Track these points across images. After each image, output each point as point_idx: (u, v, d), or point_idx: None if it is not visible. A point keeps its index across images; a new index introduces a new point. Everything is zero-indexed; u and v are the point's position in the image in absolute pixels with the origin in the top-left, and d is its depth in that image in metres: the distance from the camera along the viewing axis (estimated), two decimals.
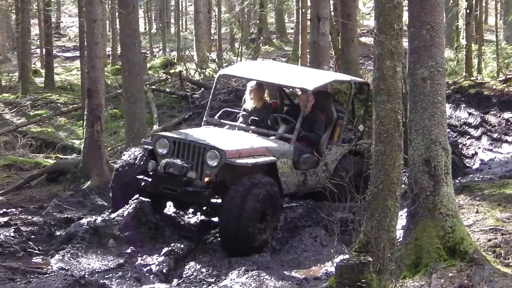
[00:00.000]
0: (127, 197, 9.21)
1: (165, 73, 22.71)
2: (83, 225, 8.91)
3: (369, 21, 33.74)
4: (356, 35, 17.52)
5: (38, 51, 29.12)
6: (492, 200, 9.09)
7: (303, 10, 18.21)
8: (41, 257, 8.50)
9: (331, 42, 17.00)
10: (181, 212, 10.00)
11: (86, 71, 12.89)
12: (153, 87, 19.93)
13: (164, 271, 8.06)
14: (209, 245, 9.11)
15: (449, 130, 14.33)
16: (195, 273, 8.14)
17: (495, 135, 15.22)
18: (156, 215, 9.05)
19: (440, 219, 6.87)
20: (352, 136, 10.85)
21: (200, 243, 9.08)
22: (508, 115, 15.53)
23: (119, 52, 21.25)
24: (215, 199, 9.11)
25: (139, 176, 9.27)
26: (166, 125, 16.56)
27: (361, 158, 10.10)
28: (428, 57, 7.01)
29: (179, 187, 8.93)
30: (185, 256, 8.52)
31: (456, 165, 12.04)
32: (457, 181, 10.95)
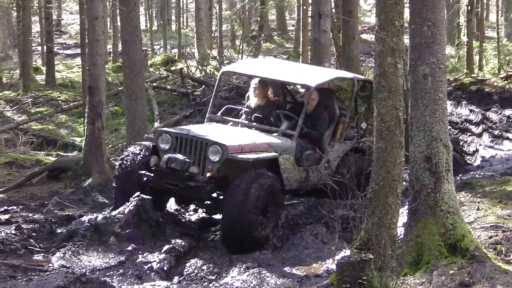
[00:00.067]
0: (130, 192, 9.21)
1: (166, 70, 22.69)
2: (84, 223, 8.90)
3: (370, 18, 33.71)
4: (357, 32, 17.48)
5: (39, 48, 29.09)
6: (493, 197, 9.08)
7: (304, 7, 18.20)
8: (42, 254, 8.51)
9: (332, 39, 16.98)
10: (182, 209, 10.01)
11: (87, 68, 12.88)
12: (154, 85, 19.92)
13: (165, 268, 8.06)
14: (210, 242, 9.11)
15: (450, 127, 14.34)
16: (196, 271, 8.14)
17: (496, 132, 15.22)
18: (157, 212, 9.05)
19: (441, 216, 6.87)
20: (355, 133, 10.84)
21: (201, 241, 9.08)
22: (509, 112, 15.52)
23: (120, 49, 21.22)
24: (217, 195, 9.12)
25: (141, 171, 9.28)
26: (167, 122, 16.55)
27: (364, 155, 10.09)
28: (429, 54, 6.99)
29: (181, 182, 8.93)
30: (186, 253, 8.52)
31: (457, 162, 12.03)
32: (458, 178, 10.94)
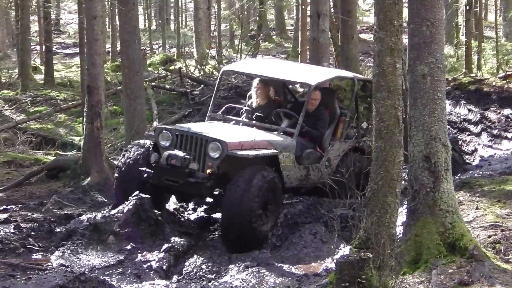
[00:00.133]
0: (130, 189, 9.25)
1: (164, 69, 22.70)
2: (83, 222, 8.91)
3: (369, 18, 33.72)
4: (356, 31, 17.48)
5: (37, 47, 29.07)
6: (492, 196, 9.09)
7: (303, 6, 18.20)
8: (41, 253, 8.50)
9: (331, 38, 16.96)
10: (182, 208, 10.02)
11: (86, 67, 12.87)
12: (153, 84, 19.92)
13: (164, 267, 8.06)
14: (209, 241, 9.11)
15: (449, 126, 14.33)
16: (195, 270, 8.14)
17: (495, 132, 15.24)
18: (156, 211, 9.06)
19: (440, 215, 6.88)
20: (355, 133, 10.87)
21: (200, 240, 9.08)
22: (507, 111, 15.54)
23: (119, 48, 21.20)
24: (217, 192, 9.14)
25: (142, 168, 9.30)
26: (166, 121, 16.56)
27: (363, 155, 10.10)
28: (428, 53, 7.00)
29: (181, 178, 8.96)
30: (185, 252, 8.52)
31: (456, 161, 12.04)
32: (457, 177, 10.95)
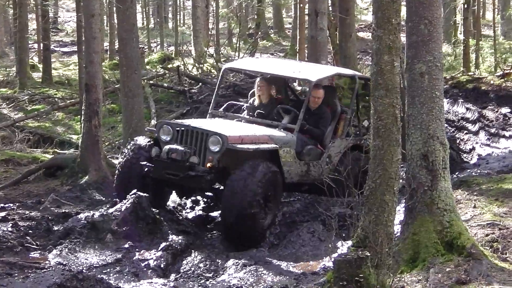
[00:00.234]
0: (131, 184, 9.30)
1: (163, 68, 22.68)
2: (80, 220, 8.90)
3: (367, 16, 33.73)
4: (354, 30, 17.49)
5: (35, 46, 29.01)
6: (489, 195, 9.09)
7: (301, 5, 18.19)
8: (39, 252, 8.49)
9: (329, 37, 16.96)
10: (180, 207, 10.03)
11: (84, 66, 12.86)
12: (151, 82, 19.90)
13: (162, 266, 8.06)
14: (207, 240, 9.11)
15: (447, 125, 14.36)
16: (193, 268, 8.14)
17: (493, 130, 15.25)
18: (154, 209, 9.05)
19: (437, 214, 6.88)
20: (357, 132, 10.90)
21: (198, 238, 9.08)
22: (505, 110, 15.56)
23: (117, 47, 21.21)
24: (217, 186, 9.17)
25: (142, 162, 9.33)
26: (164, 120, 16.54)
27: (364, 153, 10.13)
28: (426, 52, 7.00)
29: (182, 172, 9.01)
30: (183, 251, 8.52)
31: (453, 160, 12.05)
32: (455, 176, 10.95)
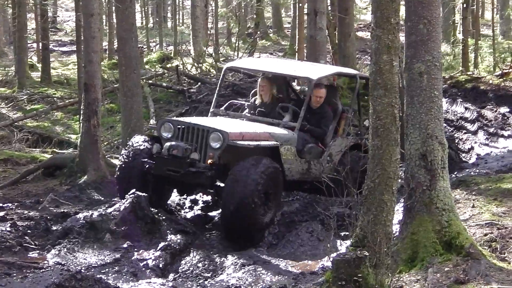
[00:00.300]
0: (133, 181, 9.32)
1: (162, 67, 22.69)
2: (79, 220, 8.89)
3: (366, 16, 33.73)
4: (353, 29, 17.50)
5: (34, 45, 29.00)
6: (488, 194, 9.09)
7: (300, 4, 18.17)
8: (38, 251, 8.48)
9: (328, 36, 16.98)
10: (178, 206, 10.03)
11: (82, 65, 12.85)
12: (150, 82, 19.91)
13: (160, 266, 8.05)
14: (206, 240, 9.10)
15: (446, 124, 14.33)
16: (192, 268, 8.14)
17: (492, 130, 15.24)
18: (152, 209, 9.05)
19: (436, 213, 6.88)
20: (358, 131, 10.92)
21: (196, 238, 9.07)
22: (504, 109, 15.55)
23: (116, 46, 21.20)
24: (218, 184, 9.20)
25: (144, 159, 9.36)
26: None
27: (364, 152, 10.16)
28: (425, 51, 7.00)
29: (182, 168, 9.03)
30: (181, 251, 8.52)
31: (452, 159, 12.04)
32: (454, 175, 10.95)
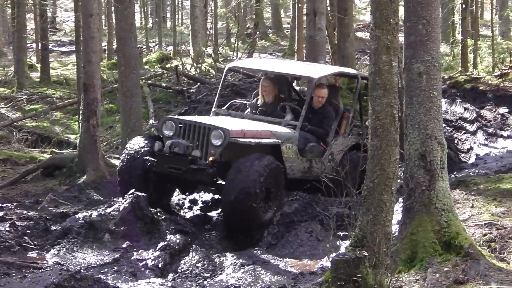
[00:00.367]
0: (134, 179, 9.34)
1: (161, 67, 22.68)
2: (78, 220, 8.89)
3: (365, 16, 33.73)
4: (352, 30, 17.48)
5: (33, 45, 29.01)
6: (487, 195, 9.09)
7: (300, 5, 18.17)
8: (37, 251, 8.48)
9: (327, 37, 16.98)
10: (178, 206, 10.04)
11: (82, 65, 12.85)
12: (149, 82, 19.90)
13: (159, 266, 8.05)
14: (205, 240, 9.11)
15: (445, 125, 14.34)
16: (191, 268, 8.13)
17: (491, 130, 15.24)
18: (151, 209, 9.05)
19: (435, 213, 6.88)
20: (360, 132, 10.95)
21: (196, 238, 9.07)
22: (503, 110, 15.55)
23: (115, 46, 21.18)
24: (219, 182, 9.23)
25: (145, 157, 9.38)
26: None
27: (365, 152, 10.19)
28: (424, 52, 7.00)
29: (184, 165, 9.05)
30: (181, 251, 8.51)
31: (451, 160, 12.04)
32: (453, 176, 10.95)
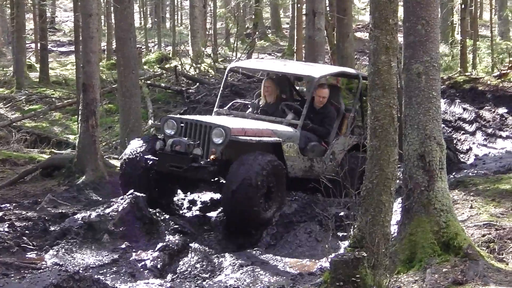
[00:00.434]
0: (136, 179, 9.37)
1: (160, 68, 22.68)
2: (77, 220, 8.88)
3: (364, 16, 33.71)
4: (351, 30, 17.48)
5: (33, 45, 29.00)
6: (486, 195, 9.09)
7: (299, 5, 18.18)
8: (36, 252, 8.48)
9: (326, 37, 16.98)
10: (177, 207, 10.04)
11: (81, 65, 12.84)
12: (148, 82, 19.89)
13: (158, 266, 8.05)
14: (204, 240, 9.11)
15: (444, 125, 14.34)
16: (190, 269, 8.13)
17: (490, 131, 15.22)
18: (150, 210, 9.05)
19: (434, 214, 6.88)
20: (362, 132, 10.95)
21: (195, 239, 9.07)
22: (502, 110, 15.53)
23: (114, 46, 21.19)
24: (220, 180, 9.28)
25: (147, 156, 9.40)
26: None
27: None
28: (423, 52, 7.00)
29: (185, 163, 9.08)
30: (179, 251, 8.51)
31: (450, 160, 12.04)
32: (452, 176, 10.95)
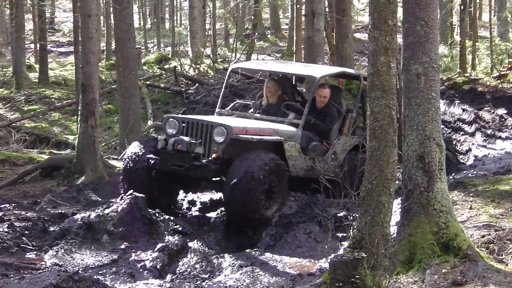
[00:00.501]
0: (138, 178, 9.40)
1: (159, 68, 22.69)
2: (77, 221, 8.89)
3: (363, 17, 33.73)
4: (350, 31, 17.49)
5: (32, 46, 29.00)
6: (485, 196, 9.09)
7: (298, 6, 18.20)
8: (35, 252, 8.49)
9: (325, 38, 17.00)
10: (176, 207, 10.04)
11: (80, 66, 12.85)
12: (148, 83, 19.89)
13: (158, 266, 8.05)
14: (204, 241, 9.10)
15: (443, 126, 14.34)
16: (189, 269, 8.13)
17: (489, 131, 15.24)
18: (149, 210, 9.05)
19: (434, 215, 6.88)
20: (363, 133, 10.97)
21: (194, 239, 9.07)
22: (501, 111, 15.55)
23: (113, 47, 21.19)
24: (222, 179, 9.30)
25: (148, 155, 9.42)
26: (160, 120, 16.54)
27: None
28: (422, 53, 7.01)
29: (187, 162, 9.12)
30: (179, 252, 8.50)
31: (450, 161, 12.05)
32: (451, 177, 10.95)
